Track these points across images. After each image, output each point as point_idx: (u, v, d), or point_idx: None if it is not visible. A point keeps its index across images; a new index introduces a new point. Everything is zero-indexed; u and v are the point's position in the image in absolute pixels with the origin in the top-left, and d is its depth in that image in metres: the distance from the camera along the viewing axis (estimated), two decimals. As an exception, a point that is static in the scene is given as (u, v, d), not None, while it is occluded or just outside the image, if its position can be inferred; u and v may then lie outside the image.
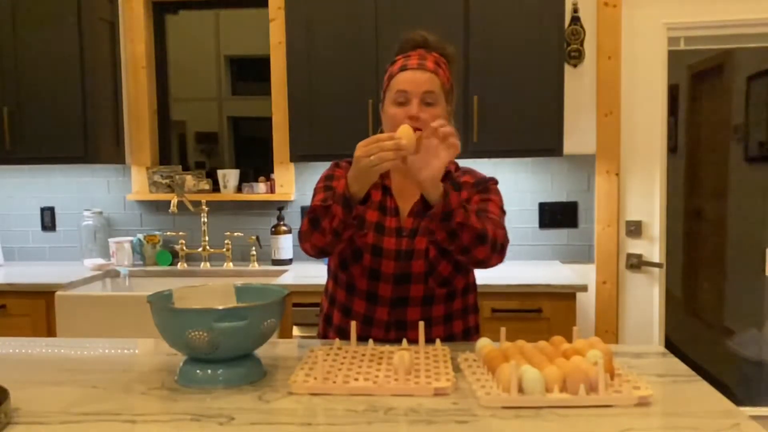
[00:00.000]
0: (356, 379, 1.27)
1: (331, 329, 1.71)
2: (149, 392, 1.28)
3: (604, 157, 3.06)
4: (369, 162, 1.32)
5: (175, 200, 3.09)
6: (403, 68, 1.54)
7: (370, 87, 2.81)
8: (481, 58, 2.77)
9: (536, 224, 3.15)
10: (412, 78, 1.51)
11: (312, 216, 1.47)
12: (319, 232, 1.46)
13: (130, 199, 3.35)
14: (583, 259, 3.14)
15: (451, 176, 1.65)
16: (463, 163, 1.72)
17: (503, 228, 1.56)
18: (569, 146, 3.06)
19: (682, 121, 3.77)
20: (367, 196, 1.43)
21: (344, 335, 1.62)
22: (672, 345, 3.25)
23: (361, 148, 1.34)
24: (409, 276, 1.58)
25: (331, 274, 1.72)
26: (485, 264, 1.50)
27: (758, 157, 3.40)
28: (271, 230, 3.20)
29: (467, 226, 1.40)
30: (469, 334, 1.68)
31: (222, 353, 1.30)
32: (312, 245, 1.50)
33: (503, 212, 1.63)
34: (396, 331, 1.59)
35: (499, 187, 1.69)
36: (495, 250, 1.48)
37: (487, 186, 1.66)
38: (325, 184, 1.65)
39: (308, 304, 2.65)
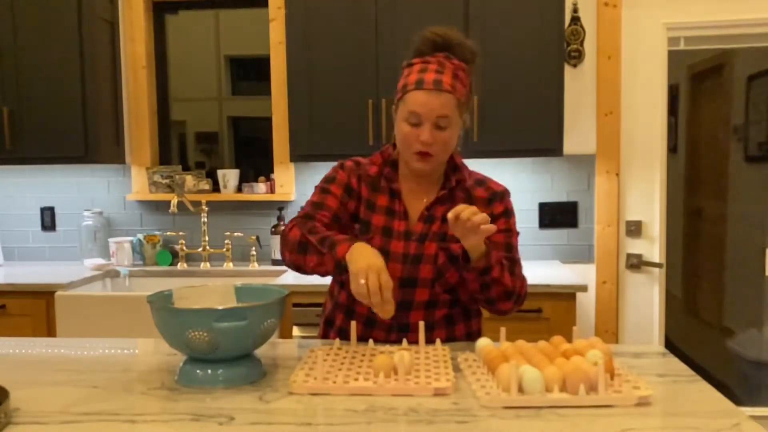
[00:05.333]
0: (356, 379, 1.27)
1: (332, 331, 1.70)
2: (149, 392, 1.28)
3: (604, 157, 3.06)
4: (356, 289, 1.34)
5: (175, 200, 3.08)
6: (419, 85, 1.48)
7: (370, 87, 2.81)
8: (481, 58, 2.75)
9: (536, 224, 3.15)
10: (427, 101, 1.47)
11: (303, 242, 1.50)
12: (299, 258, 1.52)
13: (130, 199, 3.35)
14: (583, 259, 3.14)
15: (463, 186, 1.62)
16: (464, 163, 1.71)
17: (525, 280, 1.61)
18: (569, 146, 3.06)
19: (682, 121, 3.77)
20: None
21: (345, 336, 1.61)
22: (672, 345, 3.25)
23: (358, 282, 1.33)
24: (416, 280, 1.57)
25: (336, 276, 1.70)
26: (503, 314, 1.58)
27: (758, 157, 3.40)
28: (271, 230, 3.20)
29: (500, 283, 1.50)
30: (471, 338, 1.67)
31: (222, 353, 1.30)
32: (290, 261, 1.56)
33: (518, 232, 1.68)
34: (398, 333, 1.59)
35: None
36: (517, 303, 1.57)
37: (508, 208, 1.64)
38: (323, 186, 1.64)
39: (308, 304, 2.65)
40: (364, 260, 1.35)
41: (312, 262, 1.49)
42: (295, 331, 2.68)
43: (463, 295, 1.61)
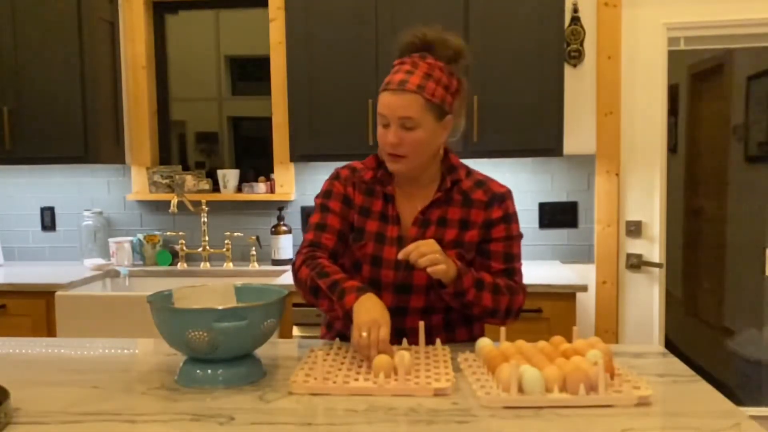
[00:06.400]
0: (356, 380, 1.27)
1: (330, 334, 1.70)
2: (149, 392, 1.28)
3: (604, 157, 3.06)
4: (356, 341, 1.36)
5: (175, 200, 3.08)
6: (386, 86, 1.49)
7: (370, 87, 2.80)
8: (481, 58, 2.77)
9: (536, 224, 3.15)
10: (389, 102, 1.47)
11: (313, 286, 1.51)
12: (313, 300, 1.54)
13: (130, 199, 3.35)
14: (583, 259, 3.14)
15: (460, 188, 1.59)
16: (464, 163, 1.70)
17: (522, 292, 1.58)
18: (569, 146, 3.06)
19: (682, 121, 3.77)
20: None
21: (345, 339, 1.60)
22: (672, 345, 3.25)
23: (360, 334, 1.34)
24: (410, 287, 1.57)
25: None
26: (498, 325, 1.57)
27: (758, 157, 3.40)
28: (271, 230, 3.20)
29: (478, 304, 1.50)
30: (474, 341, 1.66)
31: (222, 353, 1.30)
32: (305, 301, 1.59)
33: (520, 236, 1.64)
34: (395, 338, 1.58)
35: None
36: (508, 317, 1.56)
37: (508, 212, 1.61)
38: (323, 203, 1.62)
39: (308, 304, 2.64)
40: (368, 315, 1.36)
41: (324, 306, 1.51)
42: (295, 331, 2.68)
43: None
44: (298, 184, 3.28)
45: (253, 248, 3.20)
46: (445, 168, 1.60)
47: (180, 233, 3.28)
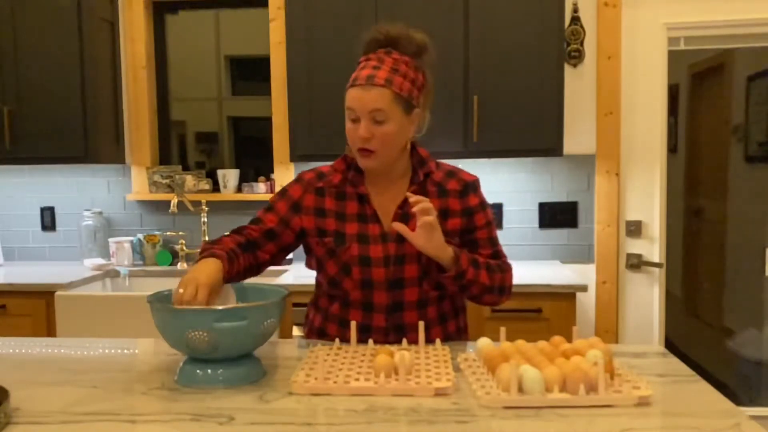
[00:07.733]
0: (357, 379, 1.27)
1: (325, 339, 1.69)
2: (149, 392, 1.28)
3: (604, 157, 3.06)
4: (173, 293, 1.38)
5: (175, 200, 3.08)
6: (353, 82, 1.50)
7: (370, 87, 2.81)
8: (481, 58, 2.77)
9: (536, 224, 3.15)
10: (359, 96, 1.48)
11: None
12: None
13: (130, 199, 3.35)
14: (583, 259, 3.14)
15: (433, 179, 1.61)
16: (464, 163, 1.71)
17: (510, 270, 1.63)
18: (569, 146, 3.06)
19: (682, 121, 3.77)
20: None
21: (344, 341, 1.59)
22: (672, 345, 3.25)
23: (177, 289, 1.37)
24: (403, 281, 1.57)
25: (323, 290, 1.68)
26: (493, 305, 1.64)
27: (758, 157, 3.40)
28: (271, 230, 3.19)
29: (477, 283, 1.53)
30: (461, 334, 1.69)
31: (222, 353, 1.30)
32: None
33: (494, 218, 1.69)
34: (394, 335, 1.59)
35: (499, 187, 1.69)
36: (503, 294, 1.61)
37: (482, 199, 1.64)
38: (273, 200, 1.67)
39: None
40: (192, 272, 1.39)
41: None
42: (295, 331, 2.68)
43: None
44: (298, 184, 3.28)
45: (253, 248, 3.20)
46: (416, 161, 1.62)
47: (180, 233, 3.28)
